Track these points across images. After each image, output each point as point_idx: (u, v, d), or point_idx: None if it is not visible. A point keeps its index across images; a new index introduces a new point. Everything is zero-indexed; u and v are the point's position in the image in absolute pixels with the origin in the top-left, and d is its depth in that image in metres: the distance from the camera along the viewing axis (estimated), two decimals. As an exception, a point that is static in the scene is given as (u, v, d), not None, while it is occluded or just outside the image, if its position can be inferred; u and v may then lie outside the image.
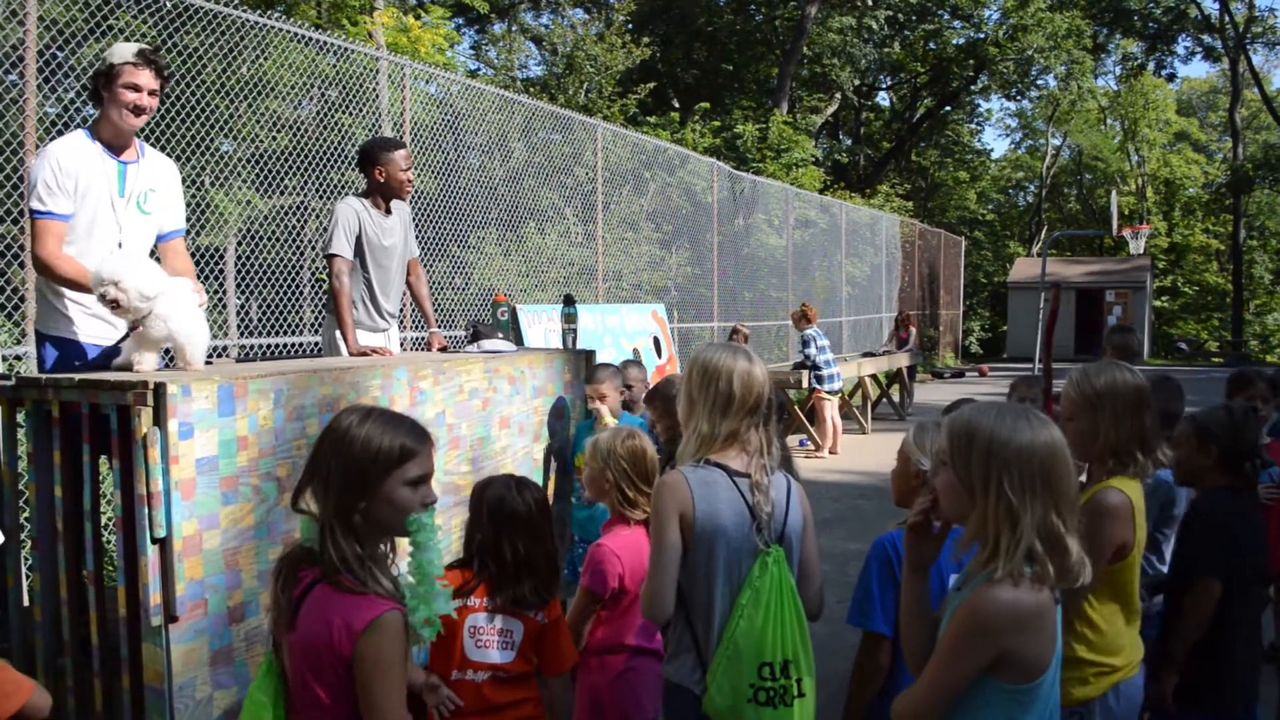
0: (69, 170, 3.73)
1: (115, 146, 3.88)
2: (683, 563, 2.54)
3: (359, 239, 5.04)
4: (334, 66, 7.85)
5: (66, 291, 3.81)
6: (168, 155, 6.31)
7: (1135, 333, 5.95)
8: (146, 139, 6.23)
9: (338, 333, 5.03)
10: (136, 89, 3.81)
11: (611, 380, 4.97)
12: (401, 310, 7.93)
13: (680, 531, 2.52)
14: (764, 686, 2.47)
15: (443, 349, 5.15)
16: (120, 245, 3.88)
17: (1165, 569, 3.75)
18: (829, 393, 11.83)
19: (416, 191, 8.43)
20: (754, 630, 2.47)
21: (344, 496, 2.05)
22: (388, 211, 5.20)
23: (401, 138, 8.15)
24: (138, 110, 3.83)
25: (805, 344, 11.92)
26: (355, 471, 2.05)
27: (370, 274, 5.14)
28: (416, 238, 6.06)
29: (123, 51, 3.81)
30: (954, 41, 32.85)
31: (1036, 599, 1.96)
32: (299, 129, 7.66)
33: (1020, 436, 2.00)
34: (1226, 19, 35.96)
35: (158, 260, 4.02)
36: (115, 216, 3.87)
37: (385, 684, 1.96)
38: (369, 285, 5.16)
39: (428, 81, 9.36)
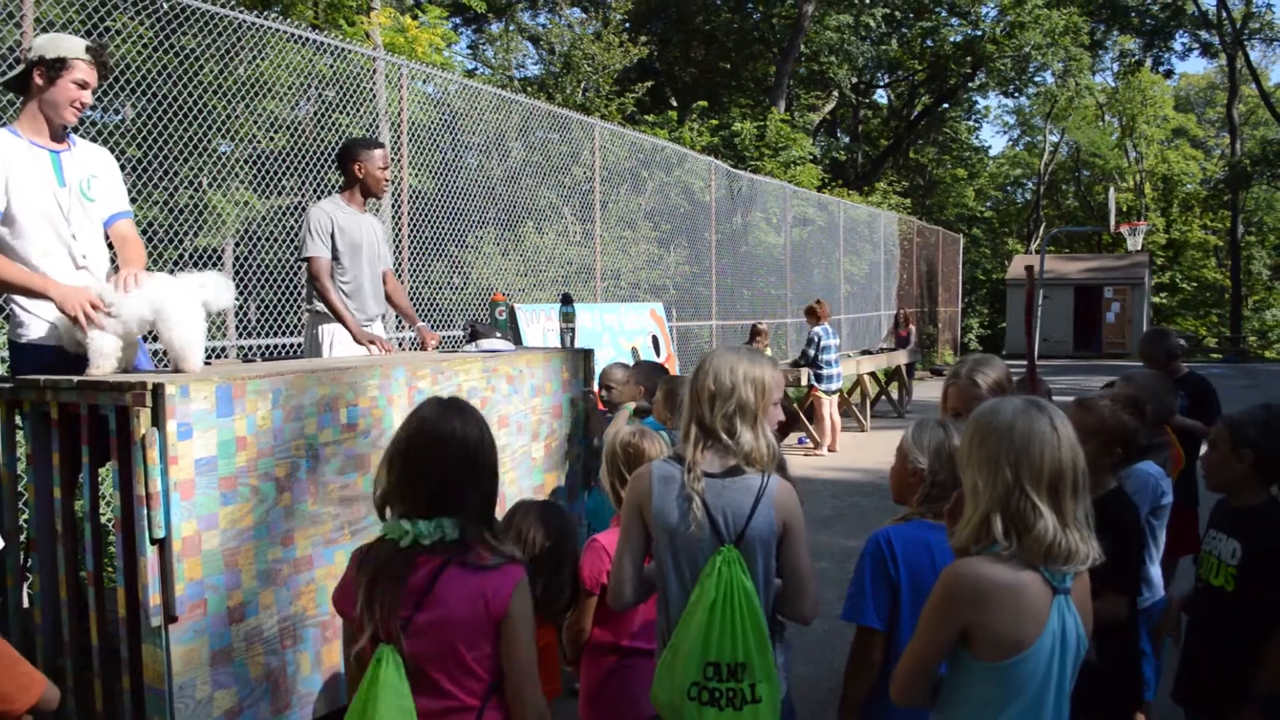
0: None
1: (44, 139, 3.67)
2: (653, 559, 2.59)
3: (333, 237, 5.08)
4: (331, 67, 7.85)
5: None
6: (165, 156, 6.36)
7: (1166, 337, 5.77)
8: (143, 138, 6.25)
9: (322, 329, 5.09)
10: (84, 86, 3.64)
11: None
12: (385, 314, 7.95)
13: (645, 525, 2.57)
14: (708, 686, 2.45)
15: (437, 346, 5.15)
16: (74, 238, 3.70)
17: (1154, 567, 3.72)
18: (826, 392, 11.83)
19: (414, 191, 8.43)
20: (699, 627, 2.45)
21: (490, 492, 2.35)
22: (362, 210, 5.27)
23: (399, 138, 8.15)
24: (79, 108, 3.66)
25: (809, 342, 11.93)
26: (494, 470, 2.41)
27: (349, 271, 5.17)
28: (415, 237, 6.08)
29: (72, 45, 3.61)
30: (951, 39, 32.82)
31: (1004, 575, 2.02)
32: (296, 129, 7.66)
33: (999, 419, 2.09)
34: (1224, 15, 35.96)
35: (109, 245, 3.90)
36: (60, 209, 3.67)
37: (531, 634, 2.28)
38: (349, 282, 5.19)
39: (425, 81, 9.35)
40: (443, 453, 2.27)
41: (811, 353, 11.80)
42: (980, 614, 2.02)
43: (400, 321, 8.07)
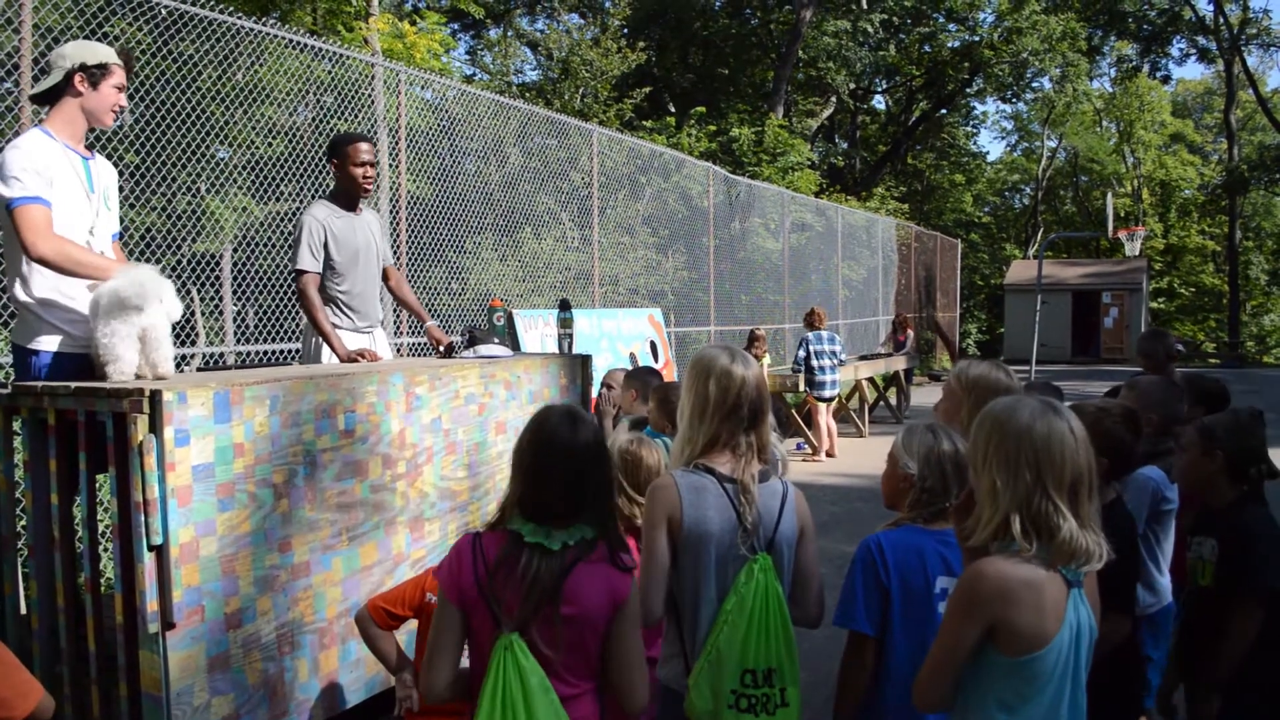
0: (43, 162, 3.55)
1: (76, 144, 3.73)
2: (673, 567, 2.55)
3: (327, 247, 4.93)
4: (330, 73, 7.85)
5: (60, 299, 3.62)
6: (163, 162, 6.37)
7: (1165, 337, 5.87)
8: (141, 144, 6.25)
9: (315, 339, 4.97)
10: (122, 89, 3.73)
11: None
12: (396, 316, 7.93)
13: (669, 536, 2.53)
14: (745, 693, 2.47)
15: (449, 347, 5.08)
16: (95, 242, 3.75)
17: (1160, 573, 3.73)
18: (818, 399, 11.86)
19: (412, 197, 8.43)
20: (737, 637, 2.47)
21: (611, 494, 2.50)
22: (356, 209, 5.10)
23: (397, 144, 8.15)
24: (119, 110, 3.76)
25: (799, 345, 12.02)
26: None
27: (347, 280, 5.03)
28: (414, 242, 6.04)
29: (108, 51, 3.69)
30: (949, 44, 32.89)
31: (1025, 572, 2.06)
32: (295, 135, 7.66)
33: (1016, 420, 2.11)
34: (1221, 21, 36.03)
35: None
36: (90, 215, 3.73)
37: (638, 626, 2.43)
38: (348, 289, 5.05)
39: (423, 87, 9.36)
40: (575, 461, 2.36)
41: (801, 354, 11.87)
42: (1006, 611, 2.05)
43: (399, 326, 8.07)
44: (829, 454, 11.99)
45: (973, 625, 2.09)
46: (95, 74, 3.67)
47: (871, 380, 15.36)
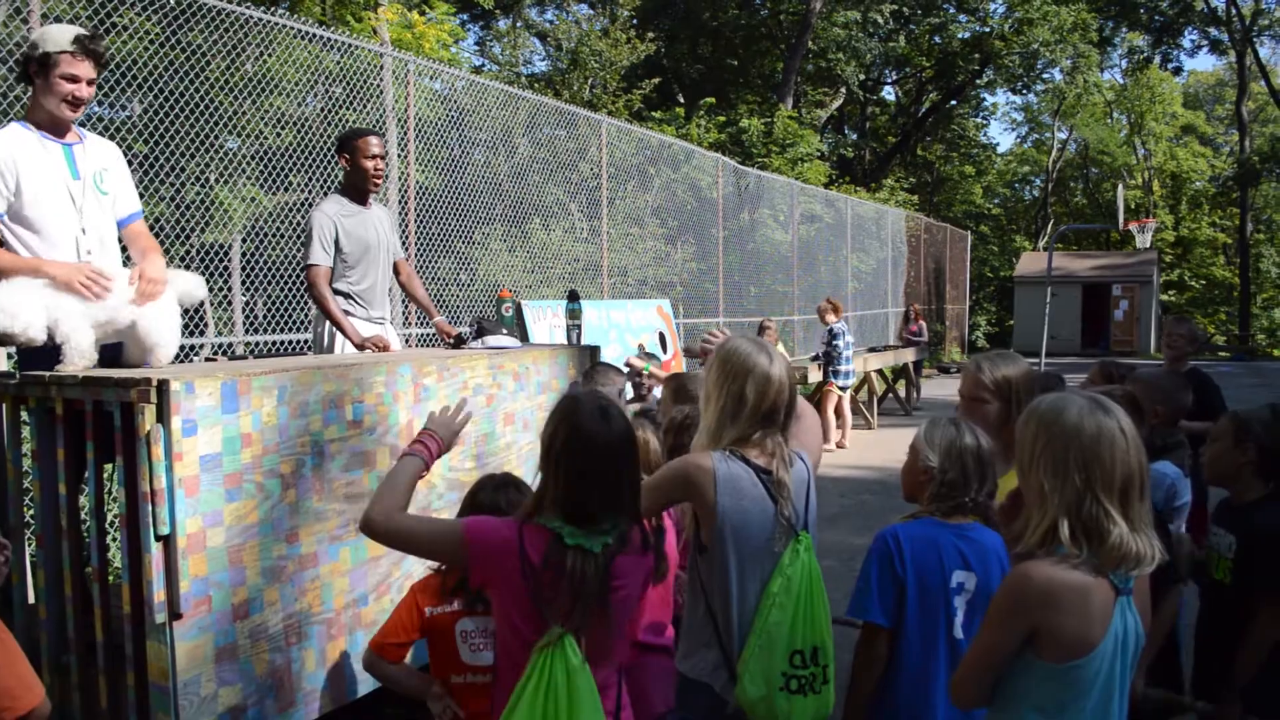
0: (7, 164, 3.48)
1: (54, 132, 3.64)
2: (705, 557, 2.57)
3: (337, 242, 4.93)
4: (338, 63, 7.84)
5: None
6: (172, 152, 6.36)
7: (1187, 323, 5.89)
8: (150, 134, 6.24)
9: (326, 325, 4.98)
10: (74, 80, 3.55)
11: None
12: (405, 308, 7.93)
13: (696, 522, 2.57)
14: (796, 675, 2.49)
15: (458, 338, 5.07)
16: (84, 231, 3.66)
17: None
18: (842, 388, 11.92)
19: (421, 187, 8.42)
20: (786, 619, 2.49)
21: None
22: (366, 204, 5.09)
23: (406, 134, 8.13)
24: (75, 102, 3.58)
25: (834, 336, 12.01)
26: None
27: (356, 272, 5.04)
28: (423, 233, 6.01)
29: (59, 38, 3.54)
30: (959, 35, 32.71)
31: (1074, 578, 1.99)
32: (304, 126, 7.65)
33: (1065, 420, 2.04)
34: (1233, 11, 35.79)
35: (122, 245, 3.88)
36: (73, 202, 3.64)
37: None
38: (357, 283, 5.06)
39: (432, 78, 9.34)
40: (614, 460, 2.35)
41: (840, 344, 11.91)
42: (1050, 616, 2.00)
43: (408, 317, 8.06)
44: (839, 445, 11.99)
45: (1015, 628, 2.04)
46: (42, 64, 3.54)
47: (881, 372, 15.33)
